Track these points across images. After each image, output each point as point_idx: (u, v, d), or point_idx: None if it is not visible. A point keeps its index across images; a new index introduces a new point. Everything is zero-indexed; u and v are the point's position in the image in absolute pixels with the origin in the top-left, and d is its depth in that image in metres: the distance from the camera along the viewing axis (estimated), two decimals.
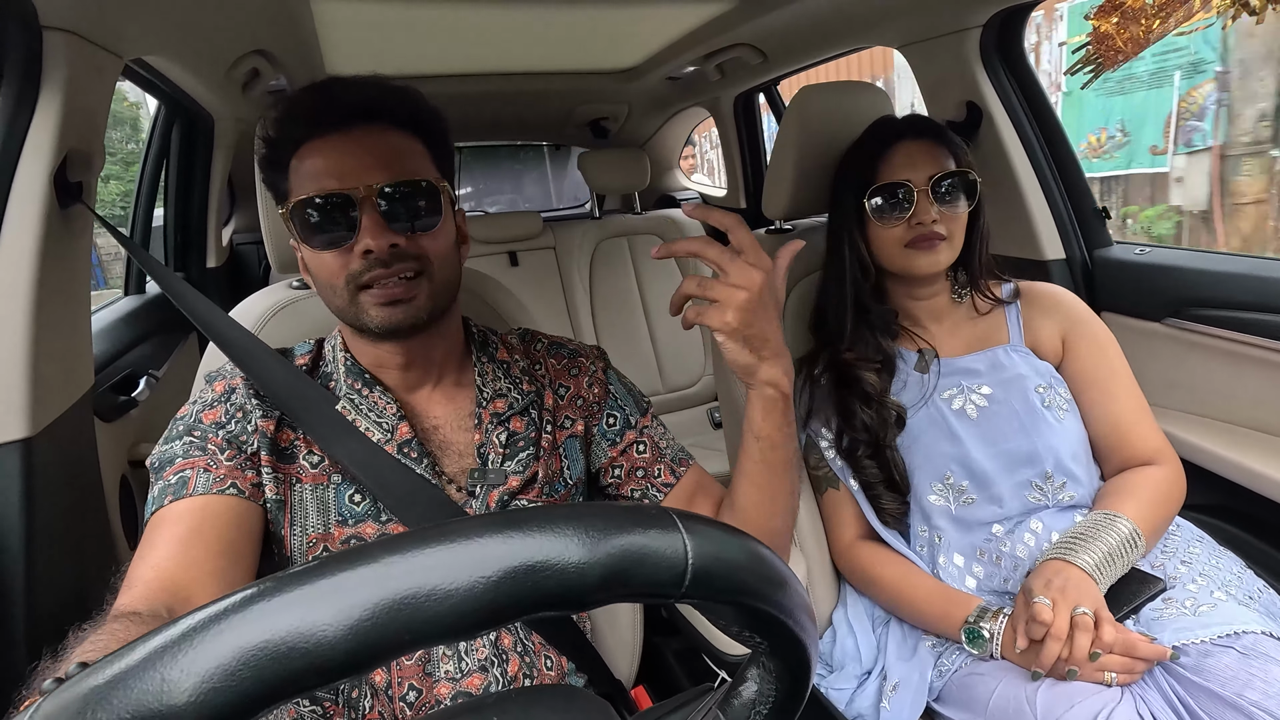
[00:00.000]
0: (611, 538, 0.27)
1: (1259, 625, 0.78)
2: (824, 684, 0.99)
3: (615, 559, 0.27)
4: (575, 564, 0.26)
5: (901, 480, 1.00)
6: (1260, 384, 1.14)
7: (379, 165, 0.66)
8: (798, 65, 1.99)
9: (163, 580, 0.59)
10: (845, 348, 1.04)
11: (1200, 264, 1.25)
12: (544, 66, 2.03)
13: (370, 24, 1.47)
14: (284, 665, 0.22)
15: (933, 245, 0.98)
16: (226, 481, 0.66)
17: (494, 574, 0.25)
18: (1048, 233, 1.41)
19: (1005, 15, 1.33)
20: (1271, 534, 1.13)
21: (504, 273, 2.31)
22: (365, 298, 0.67)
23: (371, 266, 0.66)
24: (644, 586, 0.28)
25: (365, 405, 0.72)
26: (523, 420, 0.78)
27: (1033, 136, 1.42)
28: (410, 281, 0.67)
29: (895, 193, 0.99)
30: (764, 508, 0.72)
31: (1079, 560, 0.83)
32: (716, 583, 0.29)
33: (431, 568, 0.24)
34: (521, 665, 0.73)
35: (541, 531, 0.26)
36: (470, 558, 0.25)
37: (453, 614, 0.24)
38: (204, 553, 0.61)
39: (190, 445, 0.67)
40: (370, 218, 0.65)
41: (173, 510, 0.64)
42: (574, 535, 0.27)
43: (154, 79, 1.46)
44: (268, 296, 0.95)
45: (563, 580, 0.26)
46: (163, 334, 1.69)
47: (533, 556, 0.26)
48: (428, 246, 0.68)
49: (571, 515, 0.28)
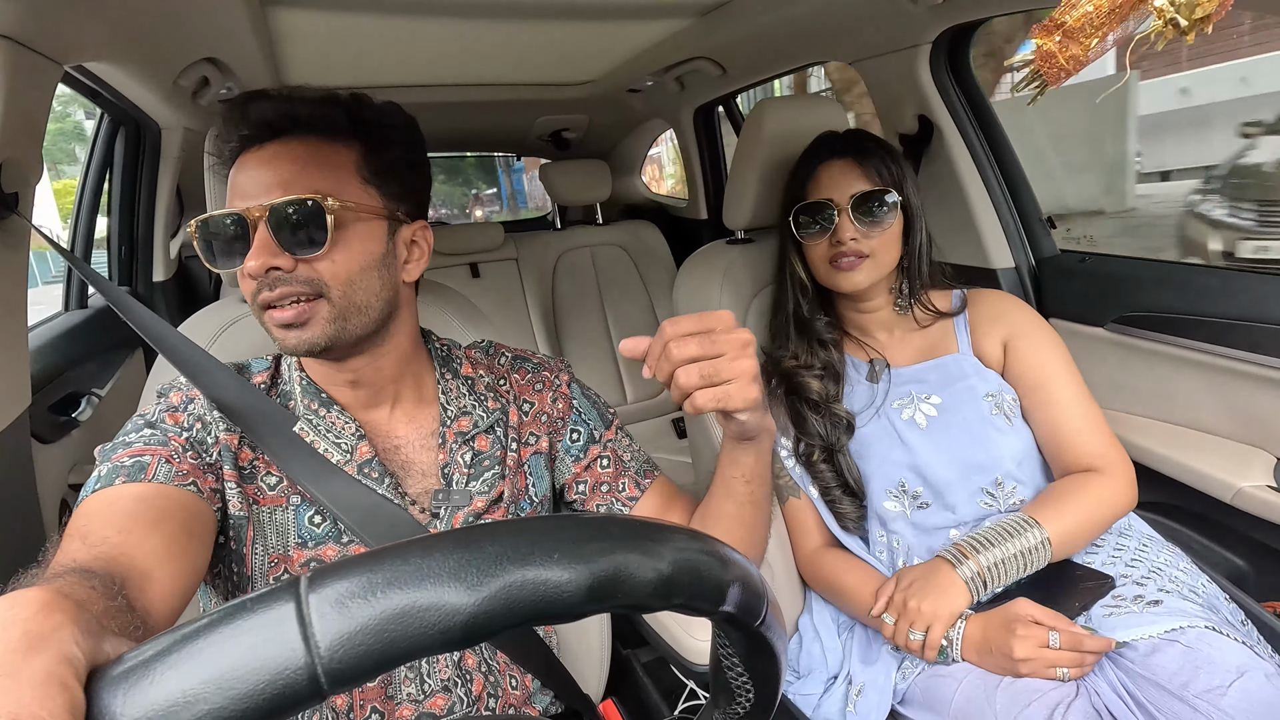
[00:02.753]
0: (676, 549, 0.29)
1: (1202, 620, 0.81)
2: (791, 690, 1.00)
3: (678, 569, 0.29)
4: (648, 572, 0.28)
5: (857, 485, 1.02)
6: (1196, 386, 1.20)
7: (279, 183, 0.64)
8: (756, 79, 2.02)
9: (124, 548, 0.52)
10: (789, 354, 1.08)
11: (1139, 271, 1.30)
12: (504, 79, 2.03)
13: (328, 35, 1.44)
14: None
15: (852, 264, 1.01)
16: (188, 478, 0.62)
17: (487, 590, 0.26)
18: (996, 242, 1.46)
19: (953, 32, 1.38)
20: (1212, 529, 1.19)
21: (465, 284, 2.29)
22: (267, 319, 0.66)
23: (259, 289, 0.64)
24: (692, 600, 0.30)
25: (324, 426, 0.70)
26: (488, 439, 0.77)
27: (980, 148, 1.47)
28: (304, 304, 0.64)
29: (818, 211, 1.02)
30: (749, 544, 0.73)
31: (961, 568, 0.87)
32: (746, 601, 0.31)
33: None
34: (486, 685, 0.71)
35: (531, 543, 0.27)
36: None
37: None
38: (170, 531, 0.56)
39: (150, 437, 0.63)
40: (260, 237, 0.63)
41: (127, 489, 0.58)
42: (641, 545, 0.28)
43: (96, 86, 1.40)
44: (220, 311, 0.92)
45: (636, 584, 0.28)
46: (106, 351, 1.62)
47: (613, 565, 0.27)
48: (321, 269, 0.64)
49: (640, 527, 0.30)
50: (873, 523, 1.03)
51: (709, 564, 0.30)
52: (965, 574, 0.87)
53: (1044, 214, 1.48)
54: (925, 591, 0.87)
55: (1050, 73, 0.63)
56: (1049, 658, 0.79)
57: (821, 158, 1.04)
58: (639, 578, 0.27)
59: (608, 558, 0.27)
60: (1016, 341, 1.05)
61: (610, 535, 0.28)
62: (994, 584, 0.88)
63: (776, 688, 0.37)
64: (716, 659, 0.37)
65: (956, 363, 1.05)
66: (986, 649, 0.84)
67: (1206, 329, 1.16)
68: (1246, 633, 0.87)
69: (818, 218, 1.02)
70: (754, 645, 0.34)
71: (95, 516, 0.55)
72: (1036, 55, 0.63)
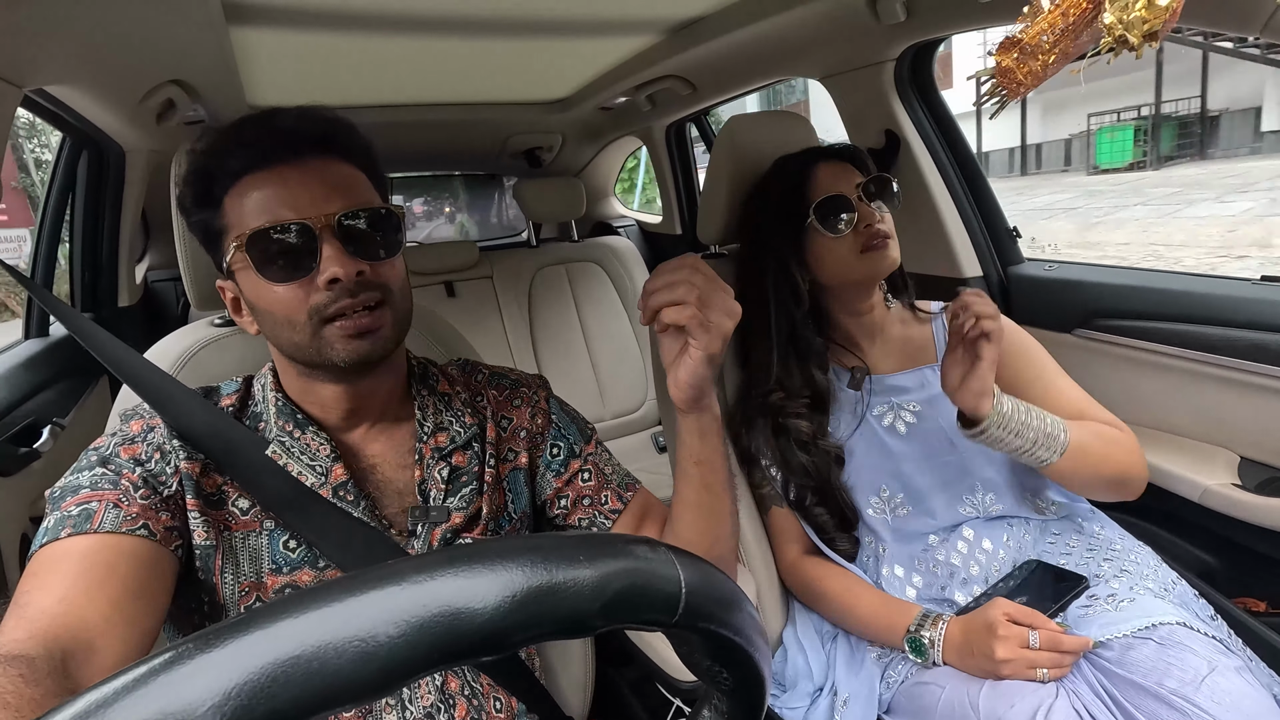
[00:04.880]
0: (611, 562, 0.27)
1: (1174, 616, 0.83)
2: (778, 704, 0.99)
3: (615, 582, 0.26)
4: (582, 582, 0.26)
5: (851, 516, 1.02)
6: (1161, 387, 1.23)
7: (334, 194, 0.65)
8: (726, 96, 2.05)
9: (65, 620, 0.52)
10: (772, 387, 1.05)
11: (1102, 278, 1.34)
12: (475, 97, 2.04)
13: (293, 54, 1.44)
14: None
15: (885, 243, 1.02)
16: (138, 521, 0.60)
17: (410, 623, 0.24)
18: (965, 251, 1.49)
19: (916, 49, 1.42)
20: (1181, 528, 1.22)
21: (441, 303, 2.28)
22: (330, 331, 0.64)
23: (338, 297, 0.64)
24: (642, 613, 0.27)
25: (297, 448, 0.69)
26: (465, 454, 0.76)
27: (946, 161, 1.50)
28: (375, 311, 0.66)
29: (838, 204, 1.01)
30: (710, 533, 0.72)
31: (1001, 400, 0.91)
32: (704, 610, 0.29)
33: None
34: (469, 709, 0.70)
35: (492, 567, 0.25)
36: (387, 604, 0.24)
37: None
38: (114, 594, 0.55)
39: (100, 477, 0.61)
40: (332, 246, 0.63)
41: (73, 545, 0.57)
42: (574, 562, 0.26)
43: (57, 110, 1.38)
44: (187, 335, 0.90)
45: (571, 602, 0.25)
46: (69, 379, 1.58)
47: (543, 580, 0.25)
48: (388, 275, 0.67)
49: (566, 544, 0.27)
50: (858, 530, 1.04)
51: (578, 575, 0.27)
52: (1004, 406, 0.89)
53: (1010, 224, 1.52)
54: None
55: (1009, 87, 0.65)
56: (1029, 658, 0.80)
57: (813, 161, 1.05)
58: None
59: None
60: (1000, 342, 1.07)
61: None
62: (1012, 434, 0.91)
63: (759, 694, 0.36)
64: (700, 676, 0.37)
65: (935, 372, 1.06)
66: (968, 650, 0.85)
67: (1170, 333, 1.20)
68: (1217, 628, 0.89)
69: (837, 210, 1.01)
70: (713, 647, 0.32)
71: (38, 581, 0.55)
72: (996, 71, 0.65)
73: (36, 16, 0.86)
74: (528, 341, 2.33)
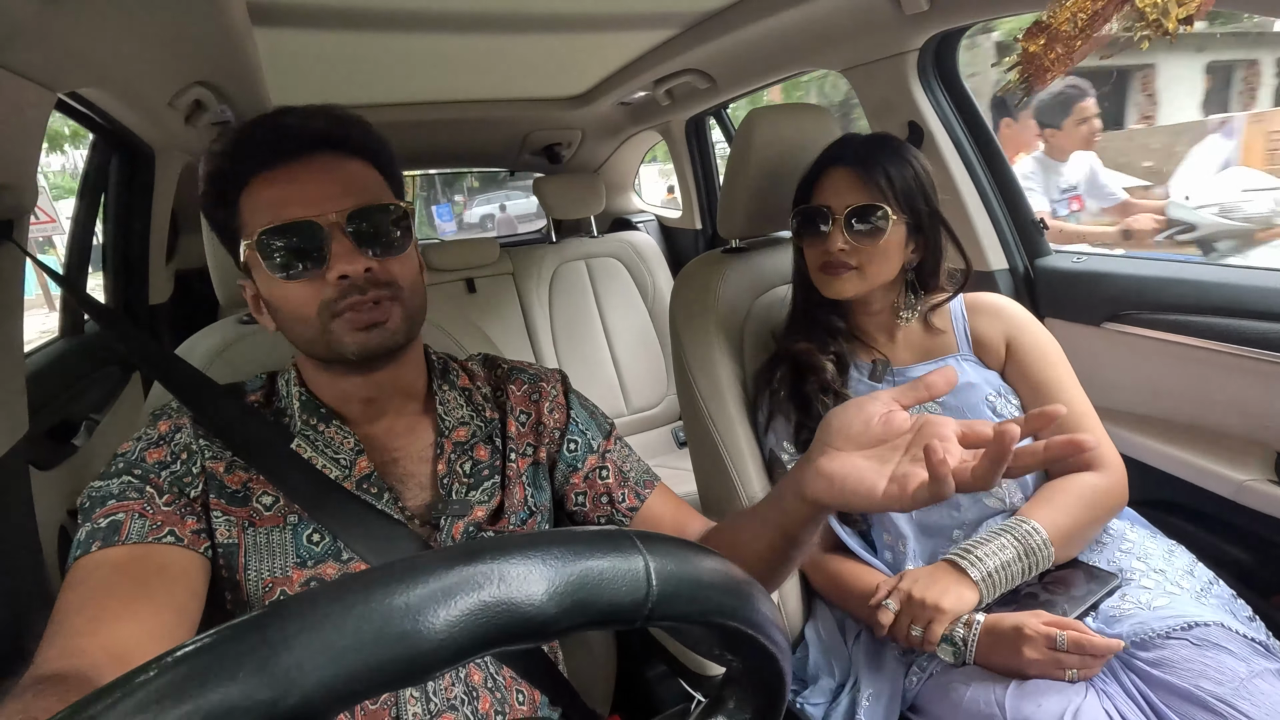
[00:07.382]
0: (570, 563, 0.26)
1: (1211, 616, 0.81)
2: (800, 699, 0.99)
3: (575, 586, 0.26)
4: (534, 600, 0.25)
5: None
6: (1193, 382, 1.20)
7: (343, 191, 0.65)
8: (745, 89, 2.04)
9: (96, 637, 0.54)
10: (802, 338, 1.07)
11: (1132, 269, 1.31)
12: (495, 94, 2.04)
13: (316, 55, 1.45)
14: None
15: (838, 273, 1.01)
16: (164, 529, 0.62)
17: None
18: (990, 244, 1.47)
19: (940, 38, 1.39)
20: (1214, 525, 1.18)
21: (462, 300, 2.30)
22: (338, 325, 0.65)
23: (347, 293, 0.65)
24: (605, 614, 0.27)
25: (321, 441, 0.70)
26: (486, 449, 0.77)
27: (971, 152, 1.48)
28: (382, 304, 0.66)
29: (815, 216, 1.02)
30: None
31: (971, 570, 0.87)
32: (682, 604, 0.28)
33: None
34: (493, 702, 0.71)
35: (498, 560, 0.26)
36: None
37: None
38: (144, 605, 0.57)
39: (127, 485, 0.63)
40: (341, 243, 0.64)
41: (103, 557, 0.59)
42: (535, 564, 0.26)
43: (89, 112, 1.41)
44: (215, 332, 0.92)
45: (520, 615, 0.25)
46: (103, 376, 1.62)
47: (495, 594, 0.25)
48: (397, 271, 0.68)
49: (528, 543, 0.27)
50: (878, 528, 1.02)
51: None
52: (975, 575, 0.87)
53: (1036, 216, 1.49)
54: (931, 586, 0.87)
55: (1036, 74, 0.64)
56: (1057, 658, 0.79)
57: (830, 162, 1.04)
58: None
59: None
60: (1019, 338, 1.05)
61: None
62: (1003, 586, 0.88)
63: (779, 693, 0.36)
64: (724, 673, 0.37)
65: (958, 363, 1.05)
66: (996, 650, 0.84)
67: (1203, 326, 1.17)
68: (1256, 629, 0.87)
69: (814, 222, 1.02)
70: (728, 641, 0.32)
71: (72, 595, 0.57)
72: (1022, 58, 0.64)
73: (70, 23, 0.88)
74: (549, 337, 2.34)
